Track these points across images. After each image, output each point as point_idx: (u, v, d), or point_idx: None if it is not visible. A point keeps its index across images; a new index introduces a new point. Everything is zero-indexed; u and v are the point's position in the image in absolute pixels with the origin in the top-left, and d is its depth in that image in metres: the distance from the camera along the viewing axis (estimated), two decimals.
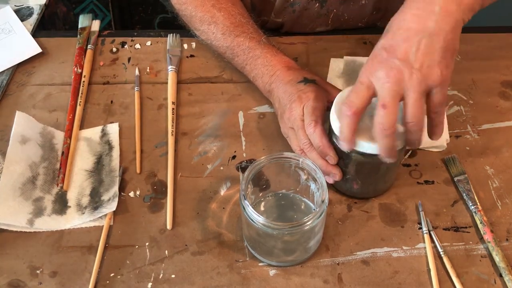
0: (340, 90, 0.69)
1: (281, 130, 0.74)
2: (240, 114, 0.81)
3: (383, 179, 0.69)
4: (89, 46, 0.90)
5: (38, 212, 0.69)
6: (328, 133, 0.66)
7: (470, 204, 0.70)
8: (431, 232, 0.68)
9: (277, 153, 0.64)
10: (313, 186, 0.65)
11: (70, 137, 0.77)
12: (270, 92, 0.76)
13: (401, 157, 0.66)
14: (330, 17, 0.90)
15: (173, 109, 0.80)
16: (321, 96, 0.69)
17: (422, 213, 0.69)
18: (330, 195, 0.72)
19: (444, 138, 0.77)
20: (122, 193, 0.72)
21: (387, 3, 0.90)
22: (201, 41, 0.85)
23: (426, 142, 0.76)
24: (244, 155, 0.76)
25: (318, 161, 0.67)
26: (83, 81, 0.84)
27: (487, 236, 0.66)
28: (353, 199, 0.71)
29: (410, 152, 0.76)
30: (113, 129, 0.79)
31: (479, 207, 0.69)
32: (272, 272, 0.65)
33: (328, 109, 0.67)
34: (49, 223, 0.69)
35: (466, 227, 0.69)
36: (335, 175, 0.67)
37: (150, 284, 0.64)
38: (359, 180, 0.68)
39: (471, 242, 0.67)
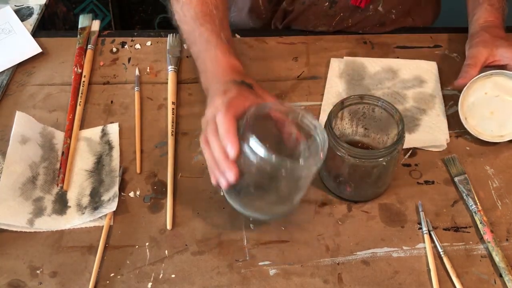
0: (272, 97, 0.66)
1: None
2: None
3: (376, 184, 0.69)
4: (89, 46, 0.90)
5: (38, 212, 0.69)
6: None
7: (470, 204, 0.70)
8: (431, 232, 0.68)
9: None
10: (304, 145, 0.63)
11: (70, 137, 0.77)
12: (207, 90, 0.70)
13: (394, 162, 0.66)
14: (335, 19, 0.91)
15: (173, 109, 0.80)
16: (246, 95, 0.64)
17: (422, 213, 0.69)
18: (330, 196, 0.72)
19: (444, 138, 0.77)
20: (122, 193, 0.72)
21: (392, 20, 0.92)
22: (173, 23, 0.81)
23: (426, 141, 0.76)
24: None
25: (218, 152, 0.60)
26: (83, 81, 0.84)
27: (487, 236, 0.66)
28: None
29: (410, 152, 0.76)
30: (113, 129, 0.79)
31: (479, 207, 0.69)
32: (272, 272, 0.65)
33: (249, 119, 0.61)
34: (49, 223, 0.69)
35: (466, 227, 0.69)
36: (230, 174, 0.59)
37: (150, 284, 0.64)
38: (352, 183, 0.68)
39: (471, 242, 0.67)
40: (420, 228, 0.68)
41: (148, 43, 0.92)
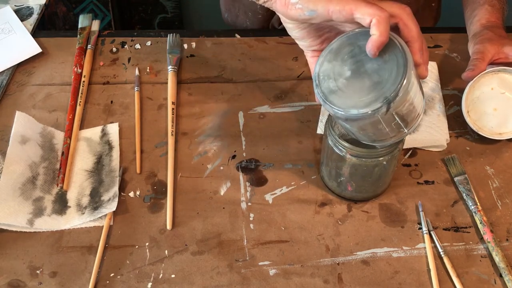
0: None
1: None
2: (240, 114, 0.81)
3: (377, 183, 0.69)
4: (89, 46, 0.90)
5: (38, 212, 0.69)
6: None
7: (470, 204, 0.70)
8: (431, 232, 0.68)
9: None
10: None
11: (70, 137, 0.77)
12: None
13: (395, 162, 0.66)
14: None
15: (173, 109, 0.80)
16: None
17: (422, 213, 0.69)
18: (330, 196, 0.72)
19: (444, 138, 0.77)
20: (122, 193, 0.72)
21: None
22: None
23: (426, 142, 0.76)
24: (244, 155, 0.76)
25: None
26: (83, 81, 0.84)
27: (487, 236, 0.66)
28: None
29: (410, 152, 0.76)
30: (113, 129, 0.79)
31: (479, 207, 0.69)
32: (272, 272, 0.65)
33: None
34: (49, 223, 0.69)
35: (466, 227, 0.69)
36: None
37: (150, 284, 0.64)
38: (353, 182, 0.68)
39: (471, 242, 0.67)
40: (420, 228, 0.68)
41: (148, 43, 0.92)
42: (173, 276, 0.65)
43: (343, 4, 0.53)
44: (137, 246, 0.67)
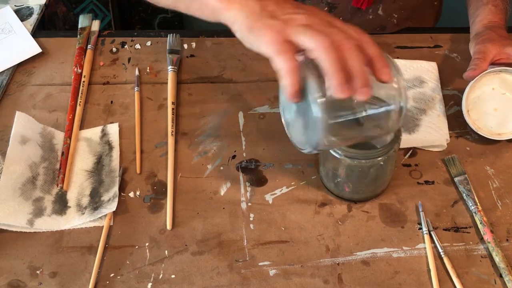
0: None
1: (255, 24, 0.59)
2: (240, 114, 0.81)
3: (375, 183, 0.69)
4: (89, 46, 0.90)
5: (38, 212, 0.69)
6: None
7: (470, 205, 0.70)
8: (431, 233, 0.68)
9: None
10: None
11: (70, 137, 0.77)
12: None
13: (392, 162, 0.66)
14: None
15: (173, 109, 0.80)
16: None
17: (422, 214, 0.69)
18: (330, 196, 0.72)
19: (444, 138, 0.77)
20: (122, 194, 0.72)
21: (394, 25, 0.91)
22: None
23: (426, 141, 0.76)
24: (244, 155, 0.76)
25: (361, 67, 0.52)
26: (83, 81, 0.84)
27: (487, 237, 0.66)
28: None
29: (410, 152, 0.76)
30: (113, 129, 0.79)
31: (479, 207, 0.69)
32: (272, 272, 0.65)
33: None
34: (49, 223, 0.69)
35: (466, 228, 0.69)
36: (367, 90, 0.50)
37: (150, 284, 0.64)
38: (350, 183, 0.68)
39: (471, 243, 0.67)
40: (420, 229, 0.68)
41: (148, 43, 0.92)
42: (173, 276, 0.65)
43: (266, 49, 0.56)
44: (137, 246, 0.67)
